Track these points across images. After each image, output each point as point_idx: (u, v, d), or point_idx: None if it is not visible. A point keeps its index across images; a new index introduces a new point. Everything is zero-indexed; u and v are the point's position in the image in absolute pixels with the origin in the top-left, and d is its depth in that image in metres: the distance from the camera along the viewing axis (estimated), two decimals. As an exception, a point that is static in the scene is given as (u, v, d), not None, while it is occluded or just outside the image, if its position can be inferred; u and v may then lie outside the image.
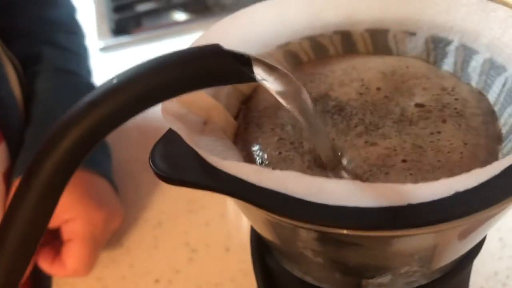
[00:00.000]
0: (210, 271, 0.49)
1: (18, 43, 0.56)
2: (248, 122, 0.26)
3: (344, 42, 0.29)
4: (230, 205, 0.55)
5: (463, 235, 0.22)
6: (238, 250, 0.50)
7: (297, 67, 0.29)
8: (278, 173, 0.18)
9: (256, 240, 0.28)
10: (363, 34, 0.29)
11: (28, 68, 0.55)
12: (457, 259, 0.25)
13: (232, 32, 0.27)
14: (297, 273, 0.25)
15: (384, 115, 0.25)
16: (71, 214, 0.46)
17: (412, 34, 0.28)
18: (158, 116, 0.23)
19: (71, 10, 0.67)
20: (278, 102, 0.27)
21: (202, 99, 0.24)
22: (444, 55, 0.27)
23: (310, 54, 0.29)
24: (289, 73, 0.21)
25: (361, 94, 0.26)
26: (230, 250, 0.50)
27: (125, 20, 0.83)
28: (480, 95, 0.26)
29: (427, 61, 0.28)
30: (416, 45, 0.28)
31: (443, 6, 0.26)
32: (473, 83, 0.26)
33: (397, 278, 0.23)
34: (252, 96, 0.28)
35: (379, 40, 0.29)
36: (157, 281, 0.49)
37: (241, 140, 0.25)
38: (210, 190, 0.21)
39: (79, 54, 0.63)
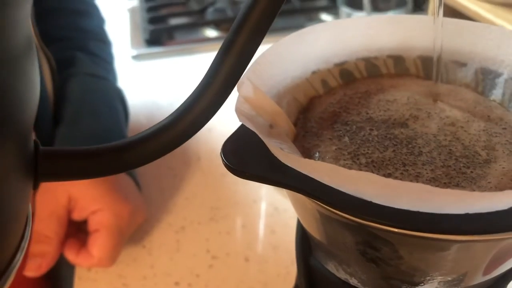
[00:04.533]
0: (229, 279, 0.50)
1: (53, 47, 0.59)
2: (306, 130, 0.28)
3: (397, 66, 0.31)
4: (251, 216, 0.56)
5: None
6: (258, 261, 0.51)
7: (352, 83, 0.31)
8: (353, 172, 0.19)
9: (301, 241, 0.29)
10: (416, 60, 0.31)
11: (61, 70, 0.59)
12: (493, 279, 0.26)
13: (297, 46, 0.29)
14: (341, 274, 0.26)
15: (448, 156, 0.25)
16: (98, 205, 0.49)
17: (463, 64, 0.30)
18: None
19: (101, 21, 0.72)
20: (335, 114, 0.29)
21: (268, 104, 0.26)
22: (493, 86, 0.29)
23: (364, 74, 0.31)
24: None
25: (439, 129, 0.27)
26: (250, 260, 0.51)
27: (158, 31, 0.86)
28: None
29: (475, 90, 0.30)
30: (466, 74, 0.30)
31: (495, 41, 0.29)
32: (520, 115, 0.28)
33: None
34: (309, 107, 0.29)
35: (430, 67, 0.31)
36: (177, 283, 0.50)
37: (300, 146, 0.27)
38: (278, 185, 0.23)
39: (107, 61, 0.67)
